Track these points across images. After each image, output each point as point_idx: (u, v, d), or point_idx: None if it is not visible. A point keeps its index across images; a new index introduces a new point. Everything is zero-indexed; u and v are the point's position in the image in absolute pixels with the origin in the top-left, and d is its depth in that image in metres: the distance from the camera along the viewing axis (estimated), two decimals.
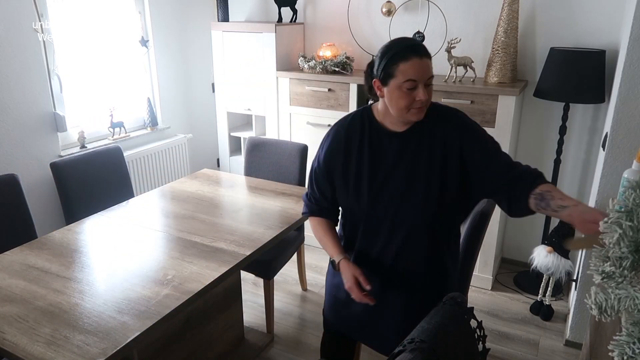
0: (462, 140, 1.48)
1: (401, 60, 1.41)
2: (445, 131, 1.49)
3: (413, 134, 1.51)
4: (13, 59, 2.55)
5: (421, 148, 1.50)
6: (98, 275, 1.77)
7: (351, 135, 1.58)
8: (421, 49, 1.44)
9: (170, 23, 3.49)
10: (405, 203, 1.50)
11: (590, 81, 2.56)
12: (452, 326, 1.30)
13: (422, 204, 1.49)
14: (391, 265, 1.59)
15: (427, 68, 1.43)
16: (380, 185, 1.53)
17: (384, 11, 3.16)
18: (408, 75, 1.41)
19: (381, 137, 1.54)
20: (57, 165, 2.51)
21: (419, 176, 1.49)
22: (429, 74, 1.44)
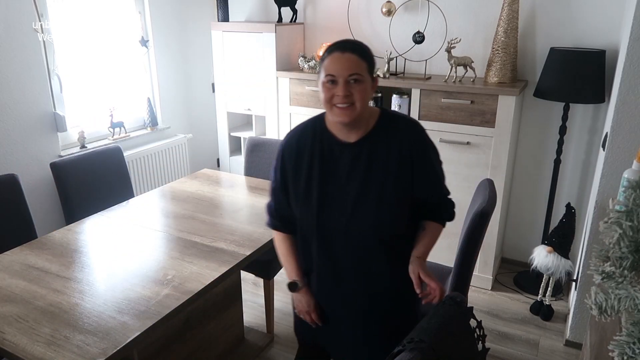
0: (415, 152, 1.44)
1: (326, 56, 1.39)
2: (401, 140, 1.44)
3: (365, 144, 1.45)
4: (13, 59, 2.55)
5: (374, 158, 1.44)
6: (98, 275, 1.77)
7: (302, 145, 1.52)
8: (349, 44, 1.39)
9: (170, 23, 3.49)
10: (358, 215, 1.44)
11: (590, 81, 2.56)
12: (451, 326, 1.30)
13: (376, 215, 1.44)
14: (349, 279, 1.53)
15: (350, 63, 1.36)
16: (330, 197, 1.47)
17: (384, 11, 3.16)
18: (327, 70, 1.37)
19: (332, 147, 1.48)
20: (57, 165, 2.51)
21: (372, 187, 1.44)
22: (352, 70, 1.36)
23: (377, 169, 1.44)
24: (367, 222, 1.45)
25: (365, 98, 1.40)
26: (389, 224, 1.45)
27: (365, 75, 1.38)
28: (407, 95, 2.97)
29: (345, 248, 1.50)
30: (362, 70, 1.37)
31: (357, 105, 1.38)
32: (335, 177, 1.47)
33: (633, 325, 0.92)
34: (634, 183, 0.96)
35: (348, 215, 1.46)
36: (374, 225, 1.45)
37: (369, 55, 1.41)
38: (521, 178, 3.16)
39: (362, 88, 1.38)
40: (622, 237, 0.92)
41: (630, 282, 0.94)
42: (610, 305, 0.95)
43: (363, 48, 1.41)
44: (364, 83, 1.38)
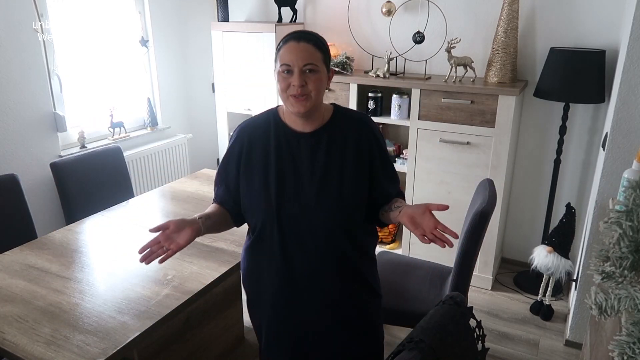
0: (373, 147, 1.47)
1: (282, 45, 1.39)
2: (360, 133, 1.46)
3: (323, 134, 1.44)
4: (13, 59, 2.55)
5: (333, 147, 1.44)
6: (98, 275, 1.77)
7: (253, 140, 1.47)
8: (304, 34, 1.39)
9: (170, 23, 3.50)
10: (321, 204, 1.41)
11: (590, 81, 2.56)
12: (451, 325, 1.30)
13: (339, 203, 1.42)
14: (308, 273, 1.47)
15: (305, 52, 1.35)
16: (289, 190, 1.43)
17: (384, 11, 3.16)
18: (283, 59, 1.36)
19: (288, 139, 1.45)
20: (57, 165, 2.51)
21: (334, 175, 1.43)
22: (307, 59, 1.35)
23: (336, 158, 1.44)
24: (330, 211, 1.43)
25: (321, 88, 1.40)
26: (350, 212, 1.45)
27: (320, 66, 1.38)
28: (407, 95, 2.97)
29: (307, 241, 1.44)
30: (318, 60, 1.37)
31: (313, 95, 1.38)
32: (293, 169, 1.44)
33: (633, 325, 0.92)
34: (634, 183, 0.96)
35: (311, 205, 1.42)
36: (336, 218, 1.43)
37: (324, 46, 1.41)
38: (521, 178, 3.16)
39: (317, 78, 1.37)
40: (622, 237, 0.92)
41: (630, 282, 0.94)
42: (610, 305, 0.95)
43: (318, 38, 1.41)
44: (319, 73, 1.38)
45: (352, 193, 1.44)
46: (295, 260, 1.46)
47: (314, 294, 1.49)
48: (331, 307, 1.51)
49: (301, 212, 1.43)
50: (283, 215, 1.43)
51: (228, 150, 1.52)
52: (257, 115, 1.54)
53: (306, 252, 1.46)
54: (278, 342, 1.59)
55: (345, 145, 1.45)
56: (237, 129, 1.52)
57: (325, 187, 1.42)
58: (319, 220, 1.43)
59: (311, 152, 1.44)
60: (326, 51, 1.42)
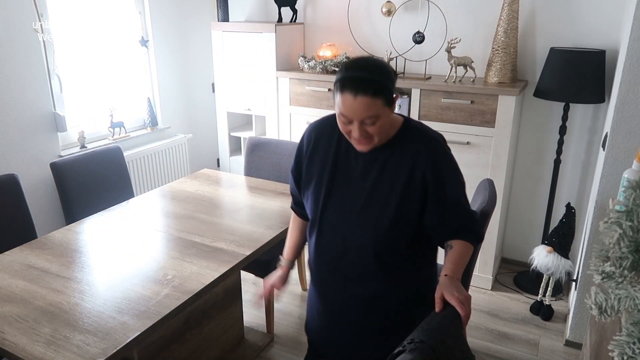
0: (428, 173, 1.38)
1: (339, 90, 1.29)
2: (417, 157, 1.38)
3: (381, 154, 1.41)
4: (13, 59, 2.55)
5: (386, 170, 1.41)
6: (98, 275, 1.77)
7: (320, 139, 1.50)
8: (360, 84, 1.26)
9: (170, 23, 3.49)
10: (359, 223, 1.43)
11: (590, 81, 2.56)
12: (452, 327, 1.30)
13: (375, 228, 1.41)
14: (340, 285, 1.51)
15: (363, 107, 1.26)
16: (335, 198, 1.46)
17: (384, 11, 3.16)
18: (341, 109, 1.30)
19: (348, 151, 1.45)
20: (57, 165, 2.51)
21: (378, 199, 1.41)
22: (366, 114, 1.27)
23: (386, 183, 1.40)
24: (366, 232, 1.43)
25: (384, 129, 1.34)
26: (385, 239, 1.42)
27: (381, 111, 1.29)
28: (407, 95, 2.97)
29: (340, 252, 1.48)
30: (378, 109, 1.28)
31: (376, 139, 1.35)
32: (345, 180, 1.46)
33: (633, 325, 0.92)
34: (634, 183, 0.96)
35: (349, 221, 1.44)
36: (372, 237, 1.42)
37: (384, 86, 1.28)
38: (521, 178, 3.16)
39: (379, 125, 1.31)
40: (622, 237, 0.92)
41: (630, 282, 0.94)
42: (610, 305, 0.95)
43: (377, 81, 1.28)
44: (381, 119, 1.30)
45: (394, 218, 1.40)
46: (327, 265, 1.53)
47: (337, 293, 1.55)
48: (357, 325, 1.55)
49: (341, 223, 1.46)
50: (325, 221, 1.48)
51: (298, 148, 1.58)
52: (325, 117, 1.54)
53: (338, 263, 1.50)
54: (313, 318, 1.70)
55: (399, 168, 1.40)
56: (307, 128, 1.56)
57: (369, 207, 1.42)
58: (354, 237, 1.45)
59: (365, 168, 1.43)
60: (386, 91, 1.29)
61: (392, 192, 1.40)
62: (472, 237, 1.47)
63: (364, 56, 1.41)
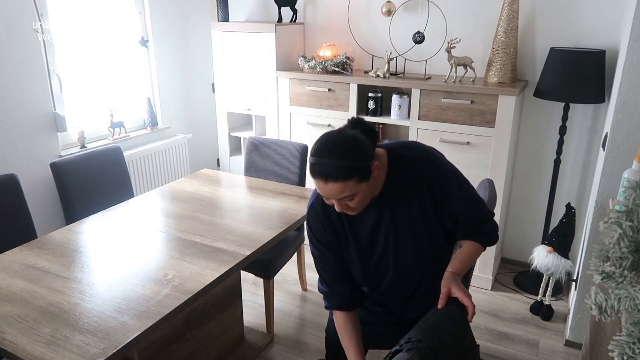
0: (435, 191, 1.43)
1: (311, 172, 1.30)
2: (418, 183, 1.41)
3: (386, 199, 1.44)
4: (13, 59, 2.55)
5: (397, 207, 1.44)
6: (98, 275, 1.77)
7: (328, 208, 1.49)
8: (326, 173, 1.25)
9: (170, 23, 3.49)
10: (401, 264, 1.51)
11: (590, 81, 2.56)
12: (450, 325, 1.30)
13: (417, 260, 1.50)
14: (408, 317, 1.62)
15: (335, 191, 1.27)
16: (369, 256, 1.52)
17: (384, 11, 3.16)
18: (317, 188, 1.33)
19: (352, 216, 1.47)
20: (57, 165, 2.51)
21: (406, 236, 1.46)
22: (340, 196, 1.29)
23: (403, 218, 1.46)
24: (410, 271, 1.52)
25: (365, 200, 1.36)
26: (430, 264, 1.51)
27: (357, 189, 1.29)
28: (407, 95, 2.97)
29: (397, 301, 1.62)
30: (352, 189, 1.28)
31: (358, 208, 1.37)
32: (368, 237, 1.51)
33: (633, 325, 0.92)
34: (634, 183, 0.96)
35: (389, 267, 1.52)
36: (417, 269, 1.52)
37: (355, 169, 1.26)
38: (521, 178, 3.16)
39: (357, 201, 1.33)
40: (622, 237, 0.92)
41: (630, 282, 0.94)
42: (610, 305, 0.95)
43: (345, 169, 1.25)
44: (359, 194, 1.31)
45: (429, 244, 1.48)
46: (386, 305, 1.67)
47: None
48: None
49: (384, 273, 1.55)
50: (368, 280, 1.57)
51: (310, 229, 1.55)
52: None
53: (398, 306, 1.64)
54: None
55: (408, 200, 1.43)
56: (309, 200, 1.55)
57: (402, 248, 1.49)
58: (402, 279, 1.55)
59: (377, 217, 1.46)
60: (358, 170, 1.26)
61: (415, 227, 1.46)
62: (483, 239, 1.51)
63: (332, 134, 1.31)
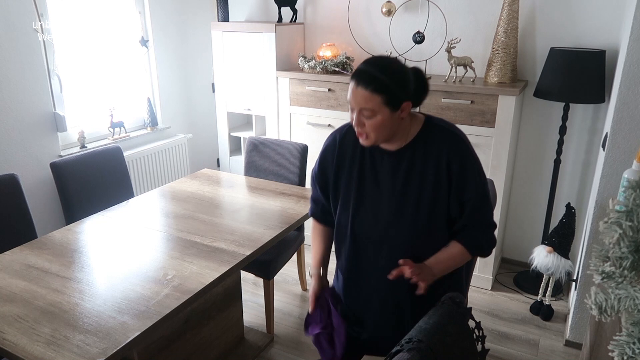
0: (453, 166, 1.41)
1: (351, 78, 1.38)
2: (441, 151, 1.41)
3: (405, 154, 1.44)
4: (13, 59, 2.55)
5: (413, 169, 1.43)
6: (98, 275, 1.77)
7: (345, 145, 1.52)
8: (361, 75, 1.33)
9: (170, 23, 3.50)
10: (394, 225, 1.46)
11: (590, 81, 2.56)
12: (450, 326, 1.30)
13: (412, 228, 1.44)
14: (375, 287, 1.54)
15: (360, 98, 1.33)
16: (365, 204, 1.48)
17: (384, 11, 3.16)
18: (348, 96, 1.38)
19: (373, 154, 1.48)
20: (57, 165, 2.51)
21: (410, 199, 1.43)
22: (362, 104, 1.33)
23: (415, 182, 1.43)
24: (401, 234, 1.45)
25: (380, 130, 1.36)
26: (423, 238, 1.45)
27: (378, 110, 1.33)
28: None
29: (375, 257, 1.51)
30: (375, 105, 1.32)
31: (372, 136, 1.38)
32: (373, 184, 1.48)
33: (633, 325, 0.92)
34: (634, 183, 0.96)
35: (383, 224, 1.47)
36: (409, 238, 1.45)
37: (386, 86, 1.32)
38: (521, 178, 3.16)
39: (374, 122, 1.35)
40: (622, 237, 0.92)
41: (630, 282, 0.94)
42: (610, 305, 0.95)
43: (378, 81, 1.32)
44: (377, 117, 1.34)
45: (429, 216, 1.43)
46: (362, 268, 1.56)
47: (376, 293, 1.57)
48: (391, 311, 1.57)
49: (375, 225, 1.48)
50: (357, 227, 1.50)
51: (321, 154, 1.59)
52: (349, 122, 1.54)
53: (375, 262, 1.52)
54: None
55: (425, 165, 1.42)
56: (331, 134, 1.59)
57: (402, 208, 1.44)
58: (389, 240, 1.47)
59: (392, 171, 1.45)
60: (389, 89, 1.32)
61: (421, 196, 1.42)
62: (473, 247, 1.48)
63: (388, 56, 1.44)
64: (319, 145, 1.79)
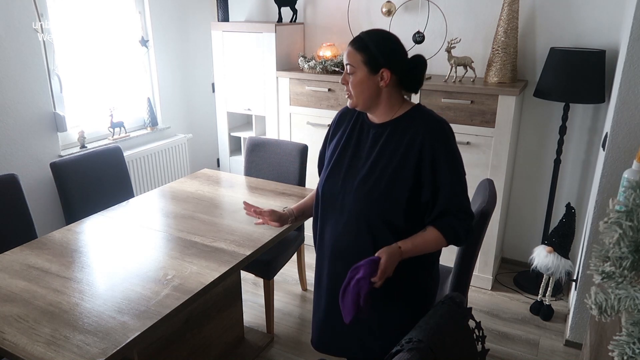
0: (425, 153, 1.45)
1: None
2: (416, 135, 1.47)
3: (387, 128, 1.53)
4: (13, 59, 2.55)
5: (388, 144, 1.51)
6: (98, 275, 1.77)
7: (344, 117, 1.66)
8: (354, 39, 1.50)
9: (170, 23, 3.49)
10: (354, 191, 1.51)
11: (590, 81, 2.56)
12: (450, 326, 1.30)
13: (368, 195, 1.49)
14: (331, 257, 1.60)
15: (346, 54, 1.49)
16: (339, 170, 1.57)
17: (384, 11, 3.16)
18: None
19: (362, 126, 1.59)
20: (57, 165, 2.51)
21: (376, 171, 1.50)
22: (347, 60, 1.49)
23: (385, 156, 1.49)
24: (358, 202, 1.50)
25: (360, 90, 1.48)
26: (377, 208, 1.48)
27: (357, 66, 1.47)
28: None
29: (336, 223, 1.56)
30: (356, 62, 1.47)
31: (354, 95, 1.50)
32: (353, 154, 1.56)
33: (633, 325, 0.92)
34: (634, 183, 0.96)
35: (345, 190, 1.53)
36: (365, 206, 1.49)
37: (367, 48, 1.46)
38: (521, 178, 3.16)
39: (355, 79, 1.48)
40: (622, 237, 0.92)
41: (630, 282, 0.94)
42: (610, 305, 0.95)
43: (363, 42, 1.47)
44: (356, 74, 1.47)
45: (386, 191, 1.48)
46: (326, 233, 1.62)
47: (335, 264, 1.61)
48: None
49: (340, 191, 1.55)
50: (325, 187, 1.59)
51: (330, 126, 1.72)
52: None
53: (334, 229, 1.57)
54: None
55: (399, 143, 1.49)
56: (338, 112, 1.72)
57: (366, 178, 1.50)
58: (350, 206, 1.52)
59: (372, 143, 1.54)
60: (370, 52, 1.46)
61: (389, 164, 1.48)
62: (449, 233, 1.47)
63: (386, 30, 1.55)
64: (319, 146, 1.81)
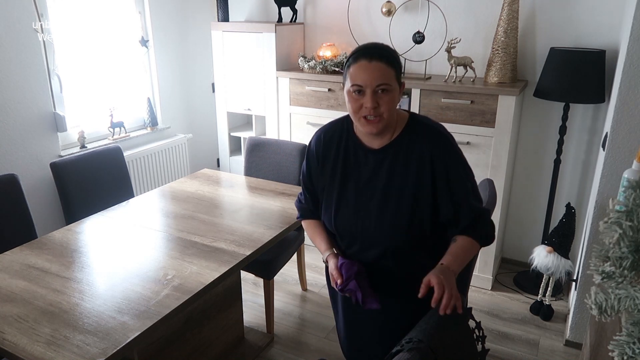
0: (437, 166, 1.39)
1: (352, 63, 1.34)
2: (424, 150, 1.40)
3: (389, 152, 1.43)
4: (13, 59, 2.55)
5: (395, 168, 1.42)
6: (98, 275, 1.77)
7: (329, 142, 1.52)
8: (374, 51, 1.34)
9: (170, 23, 3.49)
10: (375, 220, 1.44)
11: (590, 81, 2.56)
12: (450, 326, 1.30)
13: (392, 223, 1.42)
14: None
15: (377, 72, 1.31)
16: (347, 201, 1.48)
17: (384, 11, 3.16)
18: (354, 79, 1.33)
19: (357, 151, 1.48)
20: (57, 165, 2.51)
21: (392, 197, 1.42)
22: (379, 80, 1.31)
23: (397, 180, 1.42)
24: (383, 230, 1.44)
25: (393, 107, 1.36)
26: (405, 235, 1.43)
27: (393, 84, 1.33)
28: (407, 95, 2.97)
29: (359, 252, 1.50)
30: (391, 79, 1.32)
31: (385, 115, 1.35)
32: (356, 182, 1.47)
33: (633, 325, 0.92)
34: (634, 183, 0.96)
35: (365, 221, 1.46)
36: (390, 234, 1.43)
37: (396, 61, 1.36)
38: (521, 178, 3.16)
39: (390, 98, 1.33)
40: (622, 237, 0.92)
41: (630, 282, 0.94)
42: (610, 305, 0.95)
43: (390, 53, 1.36)
44: (392, 92, 1.33)
45: (411, 213, 1.40)
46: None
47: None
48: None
49: (356, 221, 1.47)
50: (339, 223, 1.49)
51: (307, 156, 1.59)
52: (333, 121, 1.56)
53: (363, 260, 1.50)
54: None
55: (408, 164, 1.41)
56: (315, 135, 1.57)
57: (384, 205, 1.43)
58: (371, 240, 1.46)
59: (375, 168, 1.44)
60: (398, 66, 1.36)
61: (403, 193, 1.41)
62: (480, 237, 1.46)
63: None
64: None
